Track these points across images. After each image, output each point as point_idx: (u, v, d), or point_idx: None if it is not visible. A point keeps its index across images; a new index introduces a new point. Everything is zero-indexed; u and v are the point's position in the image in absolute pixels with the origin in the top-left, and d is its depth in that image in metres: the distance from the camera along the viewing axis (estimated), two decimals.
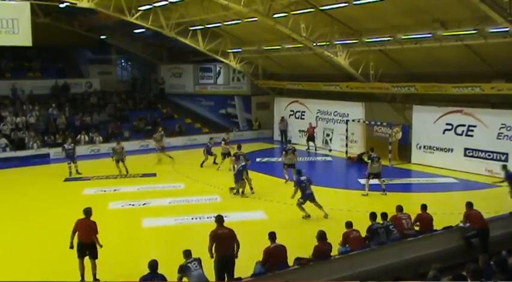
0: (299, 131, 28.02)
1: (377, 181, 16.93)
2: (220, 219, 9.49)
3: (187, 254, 8.68)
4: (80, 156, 23.22)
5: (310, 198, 14.12)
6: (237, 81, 32.84)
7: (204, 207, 15.84)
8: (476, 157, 19.45)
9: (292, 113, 29.13)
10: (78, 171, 20.91)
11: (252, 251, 9.88)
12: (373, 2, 17.05)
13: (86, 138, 26.85)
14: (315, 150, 25.83)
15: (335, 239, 9.97)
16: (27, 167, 23.19)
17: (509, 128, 18.44)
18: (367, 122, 23.80)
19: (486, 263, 7.32)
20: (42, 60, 32.62)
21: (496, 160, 18.64)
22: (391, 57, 21.72)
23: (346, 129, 24.34)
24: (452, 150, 20.48)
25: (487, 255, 7.99)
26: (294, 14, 19.81)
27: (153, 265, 8.06)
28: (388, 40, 19.55)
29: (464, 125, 20.04)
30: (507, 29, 15.22)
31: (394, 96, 22.80)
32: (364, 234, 10.33)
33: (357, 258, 9.42)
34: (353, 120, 24.28)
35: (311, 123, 26.54)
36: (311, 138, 26.10)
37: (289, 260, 9.13)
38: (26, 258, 11.76)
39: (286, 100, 29.59)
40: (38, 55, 32.16)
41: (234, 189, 16.98)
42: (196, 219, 14.50)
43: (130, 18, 23.27)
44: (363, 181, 17.31)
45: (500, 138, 18.74)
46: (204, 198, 16.94)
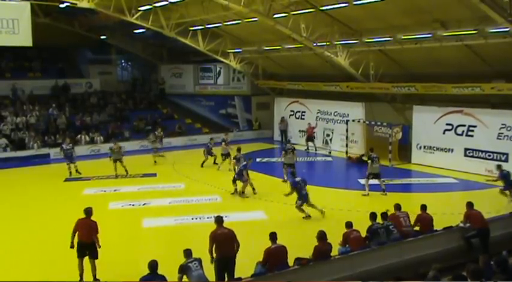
0: (299, 131, 28.01)
1: (377, 181, 16.95)
2: (219, 220, 9.50)
3: (187, 253, 8.67)
4: (80, 156, 23.21)
5: (306, 198, 14.19)
6: (237, 81, 32.85)
7: (204, 208, 15.84)
8: (477, 157, 19.46)
9: (292, 113, 29.13)
10: (78, 171, 20.90)
11: (252, 251, 9.88)
12: (373, 2, 17.07)
13: (87, 138, 26.88)
14: (315, 150, 25.82)
15: (335, 239, 9.97)
16: (28, 167, 23.19)
17: (509, 128, 18.45)
18: (367, 122, 23.79)
19: (486, 263, 7.31)
20: (43, 60, 32.64)
21: (496, 160, 18.59)
22: (391, 58, 21.72)
23: (346, 130, 24.34)
24: (452, 151, 20.49)
25: (488, 255, 7.98)
26: (294, 14, 19.82)
27: (153, 265, 8.05)
28: (388, 40, 19.55)
29: (464, 125, 20.05)
30: (507, 29, 15.23)
31: (394, 96, 22.81)
32: (364, 234, 10.32)
33: (357, 258, 9.42)
34: (353, 120, 24.28)
35: (310, 124, 26.56)
36: (310, 138, 26.12)
37: (289, 260, 9.12)
38: (26, 258, 11.75)
39: (287, 100, 29.59)
40: (38, 55, 32.19)
41: (239, 191, 16.96)
42: (196, 219, 14.51)
43: (131, 19, 23.28)
44: (362, 181, 17.31)
45: (500, 139, 18.75)
46: (204, 198, 16.95)
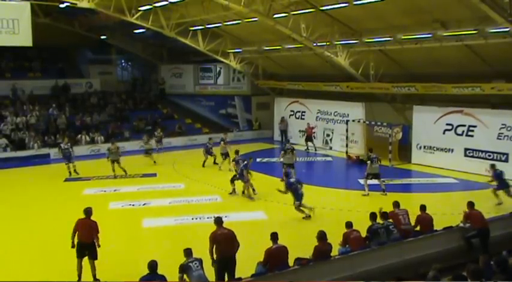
0: (299, 131, 27.99)
1: (376, 181, 16.96)
2: (219, 221, 9.51)
3: (187, 252, 8.65)
4: (80, 156, 23.23)
5: (300, 198, 14.20)
6: (237, 81, 32.84)
7: (204, 208, 15.84)
8: (477, 157, 19.45)
9: (292, 113, 29.14)
10: (76, 171, 20.80)
11: (252, 251, 9.89)
12: (373, 2, 17.07)
13: (87, 138, 26.88)
14: (315, 150, 25.84)
15: (335, 239, 9.96)
16: (28, 167, 23.19)
17: (509, 128, 18.44)
18: (368, 122, 23.78)
19: (486, 263, 7.31)
20: (43, 60, 32.64)
21: (496, 160, 18.58)
22: (391, 58, 21.71)
23: (347, 130, 24.32)
24: (452, 151, 20.49)
25: (488, 255, 7.98)
26: (294, 14, 19.82)
27: (153, 265, 8.04)
28: (388, 40, 19.56)
29: (464, 125, 20.05)
30: (507, 29, 15.24)
31: (394, 96, 22.80)
32: (364, 234, 10.32)
33: (357, 258, 9.42)
34: (353, 120, 24.27)
35: (309, 124, 26.64)
36: (309, 138, 26.18)
37: (290, 260, 9.12)
38: (26, 258, 11.76)
39: (287, 100, 29.59)
40: (38, 55, 32.20)
41: (238, 191, 16.91)
42: (196, 219, 14.51)
43: (131, 19, 23.29)
44: (362, 181, 17.31)
45: (500, 139, 18.75)
46: (204, 198, 16.95)
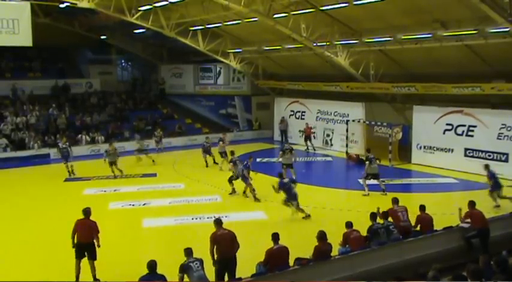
0: (299, 131, 27.98)
1: (375, 182, 16.96)
2: (219, 222, 9.53)
3: (188, 252, 8.64)
4: (81, 156, 23.24)
5: (295, 197, 14.21)
6: (237, 81, 32.84)
7: (204, 208, 15.85)
8: (477, 157, 19.43)
9: (292, 113, 29.13)
10: (73, 172, 20.69)
11: (252, 251, 9.89)
12: (373, 2, 17.07)
13: (87, 138, 26.88)
14: (313, 149, 25.89)
15: (335, 239, 9.96)
16: (28, 167, 23.21)
17: (509, 128, 18.44)
18: (368, 122, 23.78)
19: (486, 263, 7.30)
20: (43, 60, 32.65)
21: (496, 160, 18.62)
22: (391, 58, 21.71)
23: (347, 130, 24.33)
24: (452, 151, 20.48)
25: (488, 255, 7.97)
26: (294, 14, 19.82)
27: (152, 265, 8.04)
28: (388, 40, 19.56)
29: (464, 125, 20.05)
30: (507, 29, 15.24)
31: (394, 96, 22.80)
32: (364, 234, 10.32)
33: (357, 258, 9.41)
34: (353, 120, 24.27)
35: (307, 124, 26.69)
36: (308, 138, 26.19)
37: (290, 260, 9.12)
38: (26, 258, 11.76)
39: (287, 100, 29.59)
40: (38, 55, 32.20)
41: (245, 193, 16.88)
42: (196, 219, 14.51)
43: (131, 19, 23.29)
44: (361, 181, 17.29)
45: (500, 139, 18.74)
46: (204, 198, 16.96)
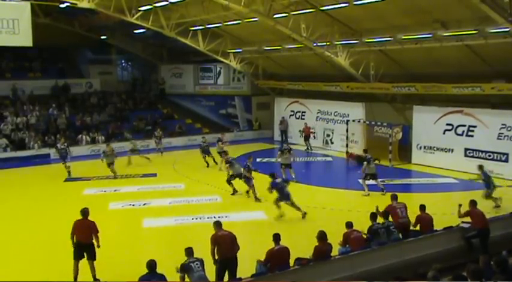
0: (299, 131, 27.99)
1: (373, 182, 16.97)
2: (218, 223, 9.55)
3: (189, 252, 8.64)
4: (81, 156, 23.26)
5: (287, 197, 14.24)
6: (237, 81, 32.84)
7: (204, 208, 15.85)
8: (477, 157, 19.39)
9: (292, 113, 29.13)
10: (69, 172, 20.55)
11: (252, 251, 9.90)
12: (373, 2, 17.07)
13: (88, 138, 26.87)
14: (310, 149, 25.95)
15: (335, 239, 9.95)
16: (28, 167, 23.19)
17: (509, 128, 18.43)
18: (368, 122, 23.78)
19: (486, 263, 7.30)
20: (43, 60, 32.65)
21: (496, 160, 18.64)
22: (392, 58, 21.71)
23: (347, 130, 24.29)
24: (452, 151, 20.47)
25: (488, 255, 7.98)
26: (294, 14, 19.82)
27: (152, 265, 8.05)
28: (388, 40, 19.55)
29: (464, 125, 20.04)
30: (507, 29, 15.24)
31: (395, 96, 22.80)
32: (364, 234, 10.31)
33: (357, 258, 9.41)
34: (353, 120, 24.25)
35: (306, 124, 26.78)
36: (308, 137, 26.24)
37: (290, 261, 9.12)
38: (26, 258, 11.76)
39: (287, 100, 29.58)
40: (39, 55, 32.21)
41: (248, 192, 16.84)
42: (196, 219, 14.51)
43: (131, 19, 23.29)
44: (361, 181, 17.28)
45: (500, 139, 18.73)
46: (204, 198, 16.96)
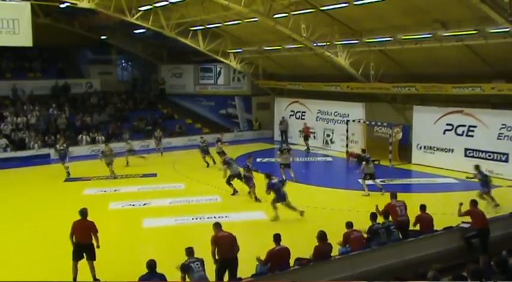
0: (299, 131, 28.00)
1: (371, 182, 16.96)
2: (218, 225, 9.57)
3: (189, 251, 8.63)
4: (81, 157, 23.25)
5: (284, 197, 14.23)
6: (238, 81, 32.83)
7: (204, 208, 15.85)
8: (477, 157, 19.37)
9: (292, 113, 29.13)
10: (68, 173, 20.47)
11: (252, 251, 9.86)
12: (373, 2, 17.07)
13: (88, 138, 26.86)
14: (309, 149, 25.98)
15: (335, 239, 9.94)
16: (28, 167, 23.18)
17: (509, 129, 18.42)
18: (368, 122, 23.78)
19: (487, 263, 7.30)
20: (43, 60, 32.65)
21: (496, 160, 18.63)
22: (392, 58, 21.71)
23: (347, 130, 24.30)
24: (452, 151, 20.46)
25: (488, 255, 7.98)
26: (295, 14, 19.82)
27: (151, 265, 8.06)
28: (388, 40, 19.56)
29: (464, 125, 20.03)
30: (507, 29, 15.24)
31: (395, 96, 22.80)
32: (364, 234, 10.31)
33: (357, 258, 9.41)
34: (353, 120, 24.25)
35: (305, 124, 26.80)
36: (307, 137, 26.30)
37: (290, 261, 9.12)
38: (26, 258, 11.76)
39: (287, 100, 29.58)
40: (39, 55, 32.20)
41: (250, 193, 16.72)
42: (196, 219, 14.51)
43: (131, 19, 23.29)
44: (361, 181, 17.28)
45: (500, 139, 18.72)
46: (204, 198, 16.95)
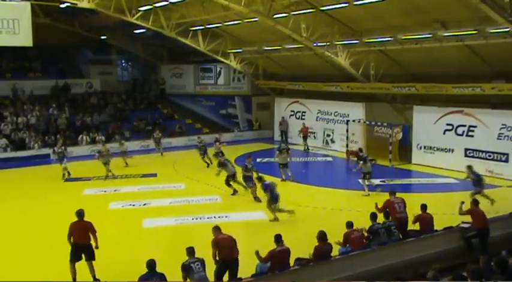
0: (298, 131, 28.01)
1: (367, 182, 16.96)
2: (217, 228, 9.57)
3: (190, 251, 8.63)
4: (81, 157, 23.26)
5: (277, 199, 14.22)
6: (238, 81, 32.83)
7: (204, 208, 15.86)
8: (477, 157, 19.38)
9: (292, 113, 29.13)
10: (66, 173, 20.36)
11: (251, 251, 9.85)
12: (374, 2, 17.08)
13: (88, 138, 26.86)
14: (307, 149, 26.01)
15: (335, 239, 9.94)
16: (28, 168, 23.19)
17: (509, 129, 18.41)
18: (368, 122, 23.78)
19: (487, 263, 7.31)
20: (43, 60, 32.65)
21: (496, 160, 18.63)
22: (392, 58, 21.71)
23: (347, 130, 24.30)
24: (452, 151, 20.45)
25: (488, 255, 7.98)
26: (294, 14, 19.83)
27: (151, 264, 8.07)
28: (388, 40, 19.56)
29: (464, 125, 20.03)
30: (507, 29, 15.24)
31: (395, 96, 22.80)
32: (365, 232, 10.32)
33: (357, 258, 9.41)
34: (353, 120, 24.26)
35: (304, 124, 26.90)
36: (306, 137, 26.35)
37: (290, 261, 9.13)
38: (26, 258, 11.77)
39: (287, 100, 29.58)
40: (39, 55, 32.20)
41: (252, 194, 16.67)
42: (196, 219, 14.51)
43: (131, 19, 23.30)
44: (361, 181, 17.28)
45: (500, 139, 18.71)
46: (204, 198, 16.95)
